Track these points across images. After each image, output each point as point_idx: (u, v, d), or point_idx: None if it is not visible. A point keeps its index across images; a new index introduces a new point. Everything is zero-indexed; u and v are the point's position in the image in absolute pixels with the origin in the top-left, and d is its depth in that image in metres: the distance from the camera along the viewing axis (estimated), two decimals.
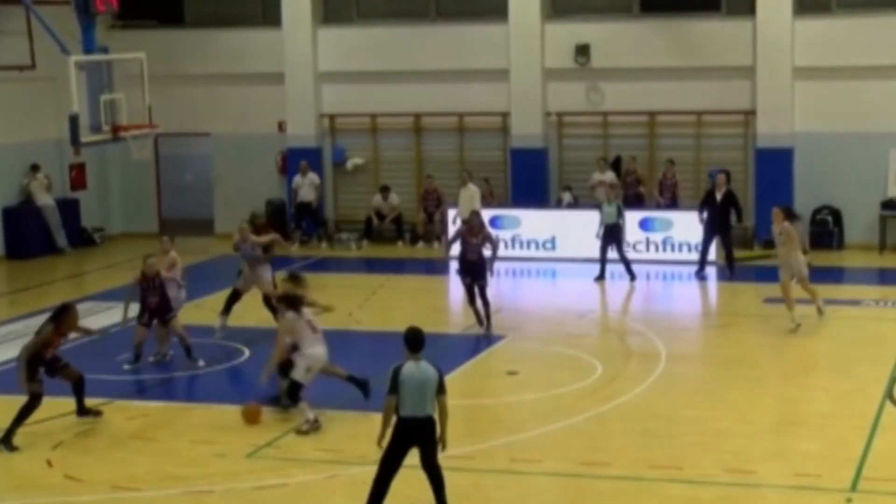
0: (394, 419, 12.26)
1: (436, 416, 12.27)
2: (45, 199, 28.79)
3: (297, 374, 15.52)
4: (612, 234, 24.29)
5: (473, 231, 20.92)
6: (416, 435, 12.20)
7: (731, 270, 24.64)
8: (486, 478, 13.72)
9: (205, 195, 30.58)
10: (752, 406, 16.30)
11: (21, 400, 15.39)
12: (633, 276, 24.24)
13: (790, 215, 20.20)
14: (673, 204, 26.67)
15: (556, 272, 25.94)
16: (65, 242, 29.01)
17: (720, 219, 24.57)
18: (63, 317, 15.82)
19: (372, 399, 15.45)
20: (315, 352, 15.68)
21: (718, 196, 24.66)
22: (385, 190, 29.07)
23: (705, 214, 24.76)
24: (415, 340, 12.29)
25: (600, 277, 24.35)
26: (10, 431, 15.18)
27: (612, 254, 24.40)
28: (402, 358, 12.26)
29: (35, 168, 28.70)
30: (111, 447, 15.05)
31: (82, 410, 16.03)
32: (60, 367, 15.85)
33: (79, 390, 16.00)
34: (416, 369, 12.17)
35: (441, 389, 12.28)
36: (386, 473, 12.27)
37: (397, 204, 29.07)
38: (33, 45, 26.12)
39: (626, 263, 24.33)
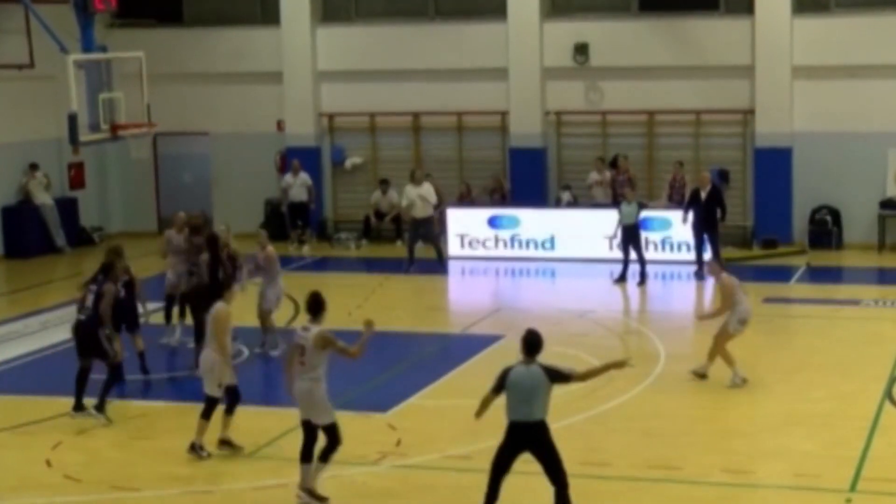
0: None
1: (546, 419, 11.90)
2: (43, 199, 28.78)
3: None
4: (630, 235, 24.23)
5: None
6: (526, 440, 11.88)
7: None
8: (486, 478, 13.69)
9: (203, 194, 30.55)
10: (752, 406, 16.31)
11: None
12: (643, 280, 24.17)
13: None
14: (681, 205, 26.46)
15: (556, 272, 25.95)
16: (63, 242, 28.99)
17: (706, 217, 24.54)
18: (113, 266, 16.38)
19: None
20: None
21: (703, 194, 24.63)
22: (384, 183, 29.04)
23: (690, 215, 24.74)
24: (532, 344, 11.94)
25: (621, 279, 24.26)
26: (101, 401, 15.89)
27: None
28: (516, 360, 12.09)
29: (34, 167, 28.69)
30: (111, 447, 15.05)
31: (80, 406, 16.13)
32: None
33: (85, 380, 16.14)
34: (526, 373, 11.84)
35: (561, 380, 11.95)
36: (496, 476, 12.07)
37: (397, 201, 29.05)
38: (32, 44, 26.12)
39: (644, 265, 24.24)
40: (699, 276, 24.66)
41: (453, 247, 26.87)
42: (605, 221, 24.97)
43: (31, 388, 17.80)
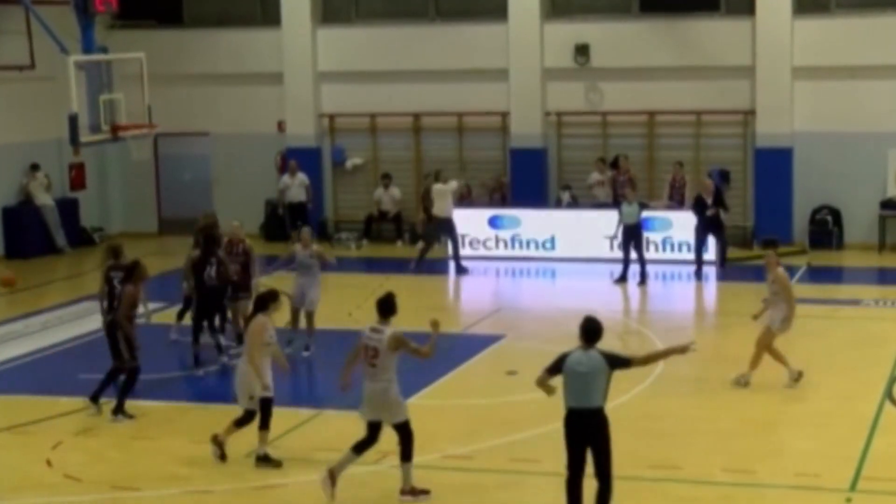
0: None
1: (605, 406, 11.78)
2: (44, 199, 28.77)
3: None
4: (631, 234, 24.20)
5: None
6: (584, 428, 11.76)
7: (722, 270, 24.60)
8: (486, 478, 13.72)
9: (204, 195, 30.53)
10: (752, 406, 16.30)
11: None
12: (643, 279, 24.16)
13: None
14: (681, 205, 26.45)
15: (556, 272, 25.95)
16: (64, 242, 28.99)
17: (711, 218, 24.56)
18: (135, 272, 16.24)
19: None
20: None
21: (709, 200, 24.63)
22: (386, 178, 29.06)
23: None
24: (591, 331, 11.93)
25: (622, 279, 24.24)
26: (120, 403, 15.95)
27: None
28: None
29: (34, 168, 28.69)
30: (111, 447, 15.05)
31: (97, 398, 16.18)
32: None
33: (112, 378, 16.21)
34: (585, 358, 11.80)
35: (621, 365, 11.90)
36: (574, 473, 11.91)
37: (399, 198, 29.06)
38: (33, 45, 26.12)
39: (644, 265, 24.22)
40: (699, 276, 24.66)
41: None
42: (606, 221, 24.93)
43: (31, 388, 17.78)
